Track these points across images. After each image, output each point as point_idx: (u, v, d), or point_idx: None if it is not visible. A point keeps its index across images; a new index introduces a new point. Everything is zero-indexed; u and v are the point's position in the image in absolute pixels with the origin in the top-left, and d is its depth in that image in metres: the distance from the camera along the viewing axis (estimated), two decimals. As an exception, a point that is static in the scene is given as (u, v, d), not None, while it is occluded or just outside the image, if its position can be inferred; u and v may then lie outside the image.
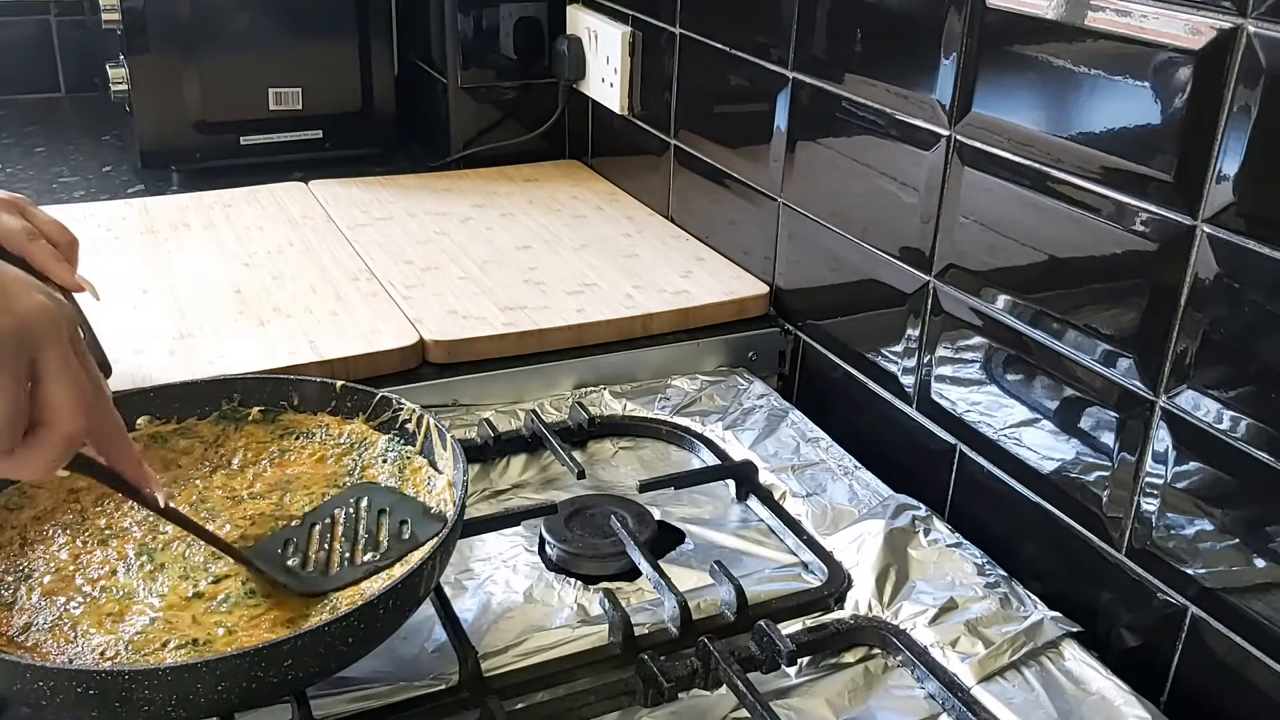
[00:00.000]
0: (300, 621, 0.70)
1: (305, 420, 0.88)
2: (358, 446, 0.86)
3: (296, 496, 0.81)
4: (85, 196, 1.48)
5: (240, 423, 0.87)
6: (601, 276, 1.23)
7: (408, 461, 0.84)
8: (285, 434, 0.87)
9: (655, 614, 0.80)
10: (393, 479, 0.83)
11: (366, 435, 0.87)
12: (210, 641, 0.68)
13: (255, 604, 0.71)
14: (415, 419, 0.85)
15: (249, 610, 0.71)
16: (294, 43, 1.56)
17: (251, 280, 1.19)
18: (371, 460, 0.85)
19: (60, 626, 0.68)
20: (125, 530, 0.77)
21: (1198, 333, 0.73)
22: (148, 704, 0.61)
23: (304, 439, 0.87)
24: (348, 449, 0.86)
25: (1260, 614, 0.72)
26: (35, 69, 1.89)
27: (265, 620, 0.70)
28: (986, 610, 0.80)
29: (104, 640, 0.68)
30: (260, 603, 0.71)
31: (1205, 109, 0.70)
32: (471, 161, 1.61)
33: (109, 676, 0.61)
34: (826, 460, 0.99)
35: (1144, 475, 0.78)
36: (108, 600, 0.71)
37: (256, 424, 0.87)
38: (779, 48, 1.12)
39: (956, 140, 0.90)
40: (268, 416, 0.88)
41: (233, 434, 0.87)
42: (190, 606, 0.71)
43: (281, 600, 0.72)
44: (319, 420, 0.88)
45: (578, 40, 1.51)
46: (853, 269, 1.06)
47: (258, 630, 0.69)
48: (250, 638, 0.68)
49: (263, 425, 0.87)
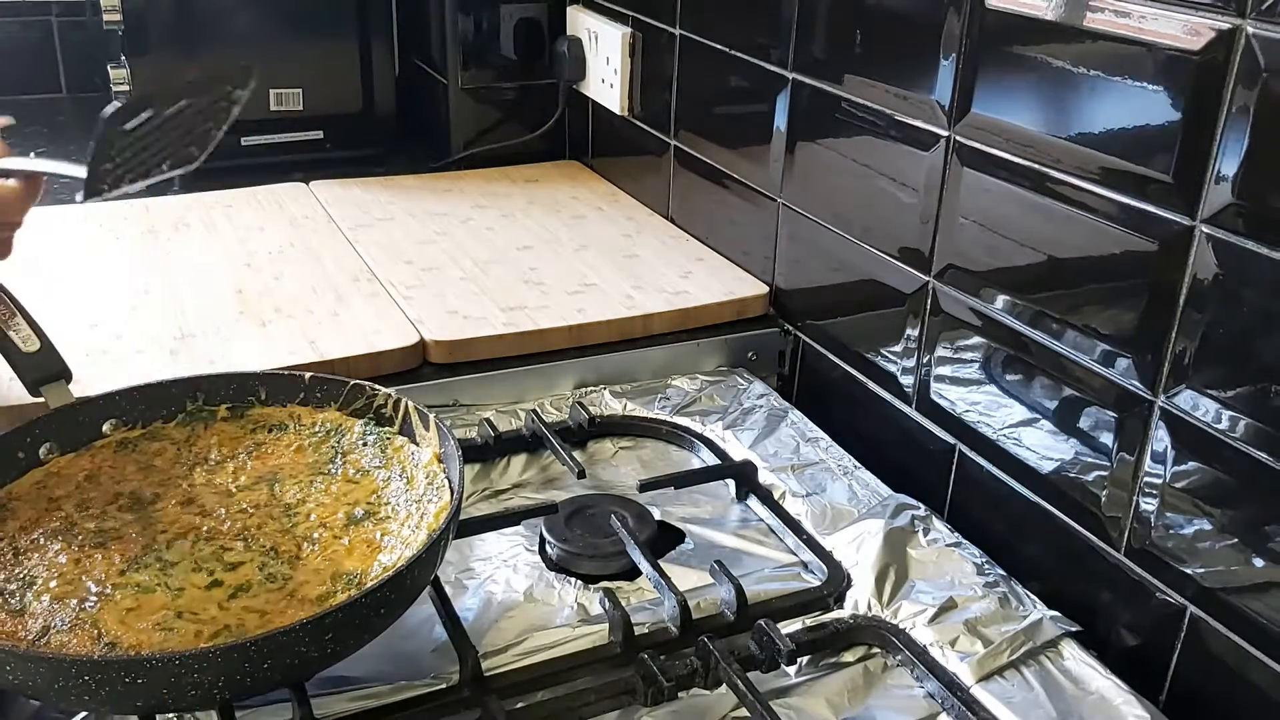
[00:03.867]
0: (329, 598, 0.71)
1: (274, 413, 0.88)
2: (334, 434, 0.87)
3: (286, 486, 0.82)
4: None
5: (208, 421, 0.87)
6: (601, 276, 1.23)
7: (388, 441, 0.85)
8: (257, 428, 0.87)
9: (655, 613, 0.80)
10: (376, 460, 0.84)
11: (341, 422, 0.87)
12: (243, 625, 0.69)
13: (278, 586, 0.72)
14: (391, 403, 0.87)
15: (272, 593, 0.72)
16: (294, 43, 1.57)
17: (252, 280, 1.19)
18: (351, 445, 0.86)
19: (81, 626, 0.68)
20: (117, 531, 0.77)
21: (1197, 333, 0.73)
22: (195, 687, 0.63)
23: (277, 431, 0.87)
24: (324, 437, 0.87)
25: (1259, 614, 0.72)
26: (36, 69, 1.89)
27: (293, 601, 0.71)
28: (986, 610, 0.80)
29: (133, 634, 0.67)
30: (282, 585, 0.72)
31: (1204, 109, 0.70)
32: (472, 162, 1.61)
33: (159, 663, 0.62)
34: (826, 460, 0.99)
35: (1143, 475, 0.78)
36: (124, 597, 0.71)
37: (226, 421, 0.88)
38: (779, 48, 1.12)
39: (956, 141, 0.91)
40: (235, 413, 0.88)
41: (203, 433, 0.87)
42: (211, 595, 0.71)
43: (303, 580, 0.73)
44: (289, 412, 0.88)
45: (578, 41, 1.51)
46: (852, 269, 1.06)
47: (288, 610, 0.70)
48: (284, 617, 0.69)
49: (232, 422, 0.88)
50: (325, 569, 0.74)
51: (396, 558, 0.74)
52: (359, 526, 0.78)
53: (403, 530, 0.78)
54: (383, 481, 0.82)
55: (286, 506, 0.80)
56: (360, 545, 0.77)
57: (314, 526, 0.78)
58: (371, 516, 0.79)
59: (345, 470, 0.84)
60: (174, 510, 0.79)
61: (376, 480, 0.83)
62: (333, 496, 0.81)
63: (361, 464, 0.84)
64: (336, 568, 0.75)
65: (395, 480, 0.82)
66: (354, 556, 0.76)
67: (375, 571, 0.74)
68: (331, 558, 0.75)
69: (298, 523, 0.79)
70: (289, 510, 0.80)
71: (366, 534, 0.78)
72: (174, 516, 0.78)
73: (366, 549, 0.76)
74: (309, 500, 0.81)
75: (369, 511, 0.80)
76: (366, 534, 0.78)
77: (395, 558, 0.74)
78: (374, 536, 0.78)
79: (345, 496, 0.81)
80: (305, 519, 0.79)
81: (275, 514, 0.79)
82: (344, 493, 0.82)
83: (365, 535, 0.78)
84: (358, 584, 0.72)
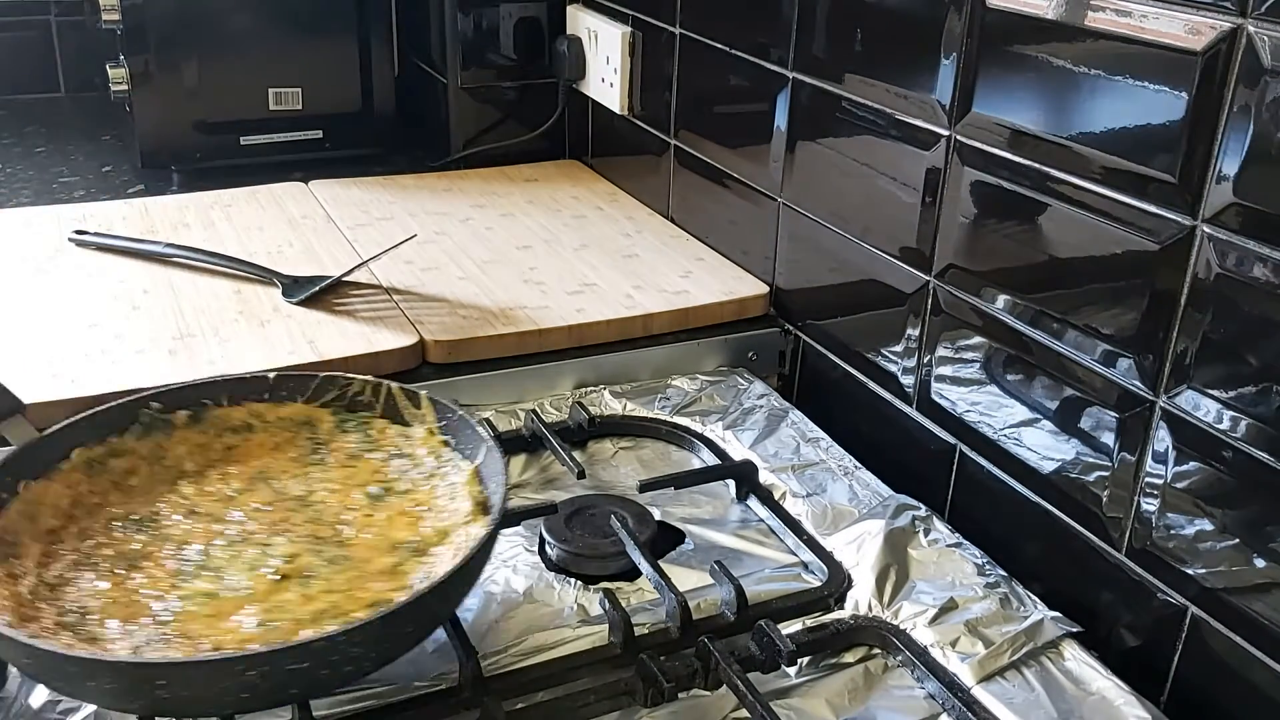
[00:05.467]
0: (402, 566, 0.72)
1: (233, 412, 0.86)
2: (305, 426, 0.86)
3: (284, 481, 0.82)
4: (85, 196, 1.48)
5: (167, 430, 0.85)
6: (601, 276, 1.23)
7: (368, 424, 0.86)
8: (222, 431, 0.86)
9: (655, 614, 0.80)
10: (364, 444, 0.84)
11: (310, 415, 0.87)
12: (337, 606, 0.69)
13: (343, 567, 0.72)
14: (370, 389, 0.87)
15: (343, 573, 0.72)
16: (294, 43, 1.56)
17: (252, 280, 1.19)
18: (329, 434, 0.85)
19: (171, 640, 0.66)
20: (141, 552, 0.75)
21: (1198, 333, 0.73)
22: (350, 662, 0.64)
23: (243, 432, 0.86)
24: (295, 431, 0.86)
25: (1260, 614, 0.72)
26: (35, 69, 1.89)
27: (369, 575, 0.72)
28: (986, 610, 0.80)
29: (235, 636, 0.66)
30: (345, 565, 0.73)
31: (1205, 109, 0.70)
32: (471, 161, 1.61)
33: (323, 643, 0.63)
34: (826, 460, 0.99)
35: (1144, 475, 0.78)
36: (197, 607, 0.69)
37: (187, 429, 0.85)
38: (779, 48, 1.12)
39: (956, 140, 0.90)
40: (195, 418, 0.86)
41: (167, 444, 0.84)
42: (284, 587, 0.71)
43: (364, 558, 0.73)
44: (248, 409, 0.87)
45: (578, 40, 1.51)
46: (853, 269, 1.06)
47: (371, 584, 0.71)
48: (370, 592, 0.70)
49: (194, 428, 0.85)
50: (379, 543, 0.75)
51: (446, 523, 0.75)
52: (383, 502, 0.79)
53: (434, 500, 0.78)
54: (381, 461, 0.83)
55: (299, 499, 0.80)
56: (398, 517, 0.77)
57: (338, 511, 0.78)
58: (390, 492, 0.80)
59: (336, 457, 0.84)
60: (184, 523, 0.77)
61: (373, 460, 0.83)
62: (338, 482, 0.81)
63: (348, 449, 0.84)
64: (389, 540, 0.75)
65: (395, 459, 0.83)
66: (399, 527, 0.76)
67: (430, 534, 0.75)
68: (378, 533, 0.76)
69: (320, 511, 0.78)
70: (303, 502, 0.79)
71: (397, 506, 0.78)
72: (188, 528, 0.77)
73: (406, 519, 0.77)
74: (316, 490, 0.81)
75: (386, 488, 0.80)
76: (397, 506, 0.78)
77: (445, 522, 0.75)
78: (407, 507, 0.78)
79: (350, 480, 0.81)
80: (325, 505, 0.79)
81: (293, 507, 0.79)
82: (346, 477, 0.82)
83: (397, 507, 0.78)
84: (420, 550, 0.73)
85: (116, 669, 0.62)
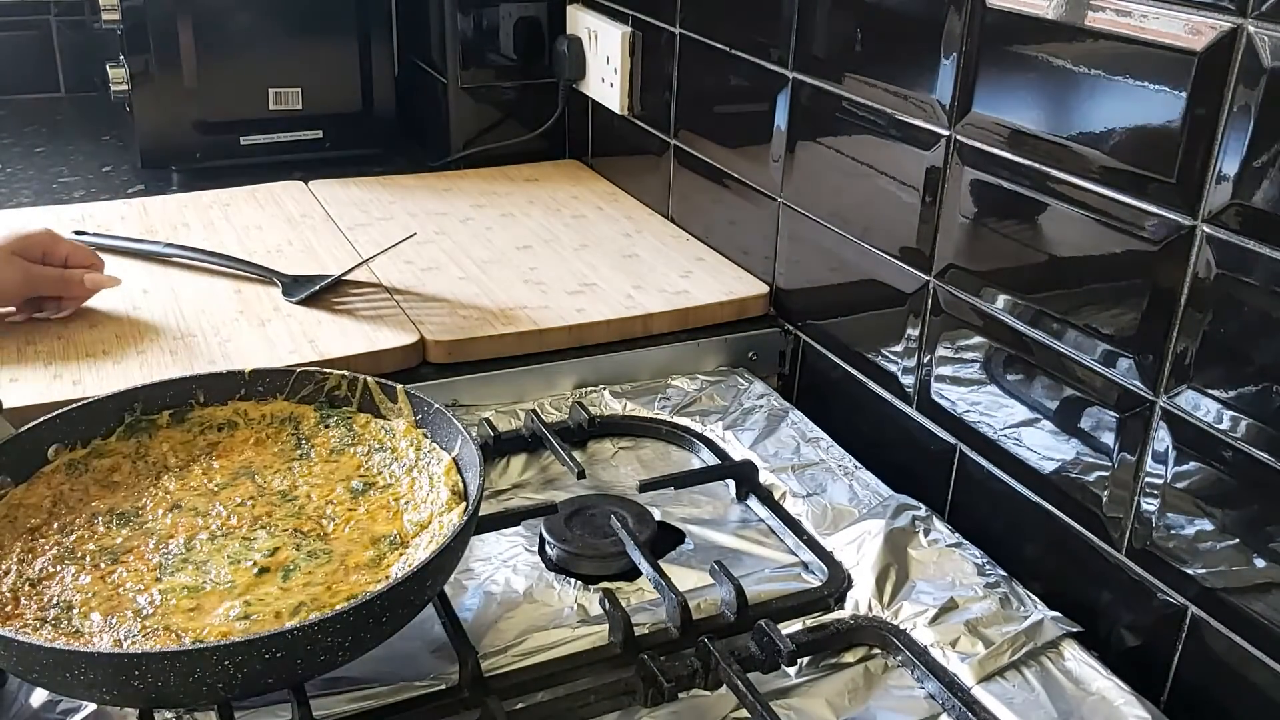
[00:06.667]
0: (382, 560, 0.73)
1: (217, 412, 0.87)
2: (289, 422, 0.87)
3: (268, 476, 0.82)
4: (85, 196, 1.48)
5: (151, 431, 0.86)
6: (601, 276, 1.23)
7: (350, 419, 0.86)
8: (205, 429, 0.87)
9: (655, 614, 0.80)
10: (346, 438, 0.85)
11: (293, 410, 0.88)
12: (317, 600, 0.69)
13: (324, 561, 0.73)
14: (346, 384, 0.88)
15: (323, 567, 0.73)
16: (294, 43, 1.56)
17: (251, 280, 1.19)
18: (312, 429, 0.86)
19: (155, 632, 0.67)
20: (123, 546, 0.75)
21: (1198, 333, 0.73)
22: (325, 651, 0.65)
23: (226, 429, 0.87)
24: (279, 427, 0.87)
25: (1260, 614, 0.72)
26: (35, 69, 1.89)
27: (349, 569, 0.73)
28: (986, 610, 0.80)
29: (215, 630, 0.67)
30: (327, 559, 0.73)
31: (1205, 109, 0.70)
32: (471, 161, 1.60)
33: (297, 634, 0.64)
34: (826, 460, 0.99)
35: (1144, 475, 0.78)
36: (179, 600, 0.70)
37: (170, 428, 0.86)
38: (779, 48, 1.12)
39: (956, 140, 0.90)
40: (177, 418, 0.87)
41: (150, 443, 0.85)
42: (265, 581, 0.71)
43: (345, 551, 0.74)
44: (233, 408, 0.88)
45: (578, 40, 1.51)
46: (853, 269, 1.06)
47: (350, 577, 0.72)
48: (350, 585, 0.71)
49: (177, 428, 0.86)
50: (359, 537, 0.76)
51: (425, 515, 0.76)
52: (365, 496, 0.80)
53: (415, 493, 0.79)
54: (363, 455, 0.84)
55: (282, 494, 0.80)
56: (379, 511, 0.78)
57: (321, 505, 0.79)
58: (372, 486, 0.81)
59: (319, 452, 0.84)
60: (166, 517, 0.78)
61: (356, 455, 0.84)
62: (321, 477, 0.82)
63: (331, 444, 0.85)
64: (370, 534, 0.76)
65: (377, 453, 0.84)
66: (380, 521, 0.77)
67: (410, 529, 0.75)
68: (359, 526, 0.77)
69: (303, 505, 0.79)
70: (286, 496, 0.80)
71: (378, 501, 0.79)
72: (171, 522, 0.77)
73: (388, 513, 0.78)
74: (299, 484, 0.81)
75: (367, 482, 0.81)
76: (378, 501, 0.79)
77: (424, 515, 0.76)
78: (388, 501, 0.79)
79: (333, 474, 0.82)
80: (308, 500, 0.80)
81: (275, 501, 0.80)
82: (329, 471, 0.83)
83: (378, 502, 0.79)
84: (401, 543, 0.74)
85: (92, 660, 0.63)
